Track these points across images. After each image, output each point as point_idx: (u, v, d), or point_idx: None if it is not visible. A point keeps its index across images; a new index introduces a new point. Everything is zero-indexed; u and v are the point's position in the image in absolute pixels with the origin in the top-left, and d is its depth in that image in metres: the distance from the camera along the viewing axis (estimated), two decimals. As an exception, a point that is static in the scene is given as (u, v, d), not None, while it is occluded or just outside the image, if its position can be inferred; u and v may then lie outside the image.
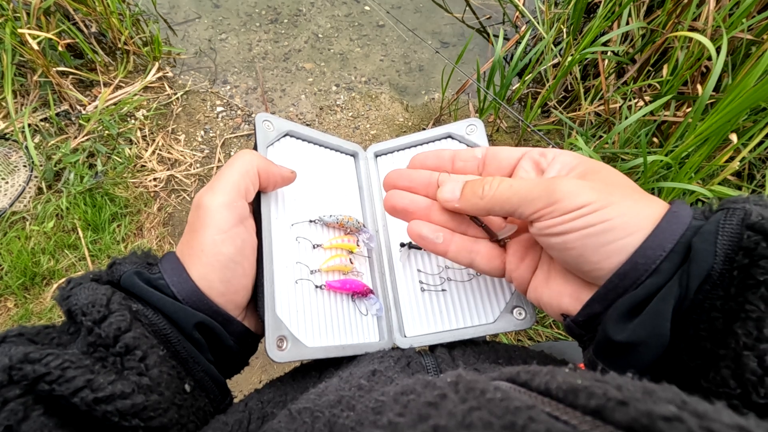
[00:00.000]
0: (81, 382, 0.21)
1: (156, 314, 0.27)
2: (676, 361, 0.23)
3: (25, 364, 0.21)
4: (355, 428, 0.19)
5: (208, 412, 0.29)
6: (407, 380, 0.23)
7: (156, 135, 1.46)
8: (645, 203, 0.24)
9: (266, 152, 0.36)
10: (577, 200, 0.23)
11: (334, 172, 0.41)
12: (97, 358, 0.24)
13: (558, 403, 0.16)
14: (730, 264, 0.21)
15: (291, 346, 0.30)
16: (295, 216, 0.35)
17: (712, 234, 0.22)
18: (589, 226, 0.23)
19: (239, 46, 1.70)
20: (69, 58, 1.45)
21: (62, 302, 0.25)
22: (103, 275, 0.28)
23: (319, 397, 0.24)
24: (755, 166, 1.21)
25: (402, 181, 0.33)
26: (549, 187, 0.24)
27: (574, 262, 0.25)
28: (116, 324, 0.24)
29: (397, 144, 0.42)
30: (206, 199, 0.29)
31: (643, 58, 1.31)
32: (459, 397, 0.16)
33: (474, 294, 0.36)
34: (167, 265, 0.28)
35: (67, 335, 0.25)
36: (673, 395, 0.14)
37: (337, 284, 0.34)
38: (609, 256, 0.23)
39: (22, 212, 1.29)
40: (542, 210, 0.24)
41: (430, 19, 1.79)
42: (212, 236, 0.28)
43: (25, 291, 1.20)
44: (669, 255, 0.22)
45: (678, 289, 0.22)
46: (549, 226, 0.25)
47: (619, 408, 0.14)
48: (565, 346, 0.52)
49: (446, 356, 0.31)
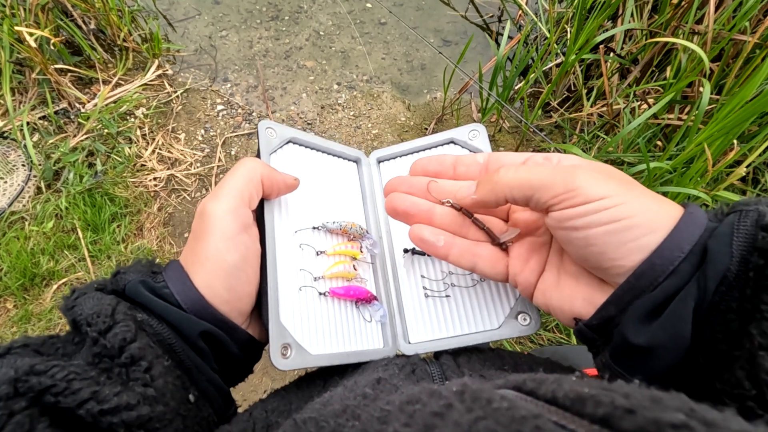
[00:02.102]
0: (87, 394, 0.21)
1: (161, 324, 0.27)
2: (690, 364, 0.23)
3: (30, 376, 0.21)
4: None
5: (212, 421, 0.28)
6: (412, 389, 0.23)
7: (156, 134, 1.46)
8: (661, 203, 0.24)
9: (269, 159, 0.36)
10: (597, 190, 0.23)
11: (337, 179, 0.40)
12: (102, 369, 0.23)
13: (565, 411, 0.16)
14: (746, 265, 0.21)
15: (295, 353, 0.30)
16: (298, 223, 0.35)
17: (728, 236, 0.22)
18: (612, 221, 0.23)
19: (240, 43, 1.69)
20: (67, 55, 1.44)
21: (67, 312, 0.25)
22: (108, 284, 0.28)
23: (324, 407, 0.24)
24: (760, 171, 1.20)
25: (402, 187, 0.33)
26: (568, 174, 0.24)
27: (594, 259, 0.24)
28: (121, 335, 0.24)
29: (400, 150, 0.42)
30: (210, 207, 0.29)
31: (645, 60, 1.30)
32: (465, 407, 0.16)
33: (478, 300, 0.35)
34: (171, 274, 0.28)
35: (72, 345, 0.25)
36: (681, 403, 0.14)
37: (341, 291, 0.34)
38: (631, 253, 0.23)
39: (21, 212, 1.28)
40: (561, 195, 0.24)
41: (432, 16, 1.78)
42: (216, 244, 0.28)
43: (24, 292, 1.20)
44: (687, 256, 0.22)
45: (696, 291, 0.22)
46: (569, 218, 0.24)
47: (626, 416, 0.14)
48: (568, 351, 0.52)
49: (451, 363, 0.31)
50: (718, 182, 1.11)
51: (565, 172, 0.25)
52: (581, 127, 1.40)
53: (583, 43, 1.21)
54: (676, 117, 1.25)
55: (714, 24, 1.15)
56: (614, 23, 1.44)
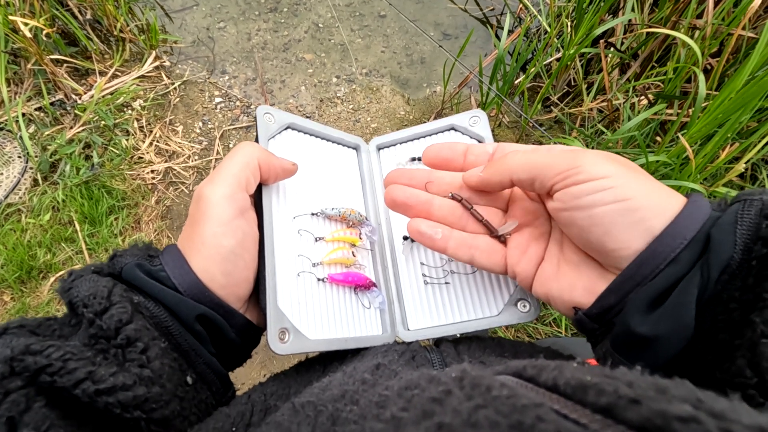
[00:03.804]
0: (82, 374, 0.21)
1: (157, 306, 0.27)
2: (691, 353, 0.23)
3: (26, 355, 0.21)
4: (358, 422, 0.19)
5: (211, 404, 0.28)
6: (411, 374, 0.22)
7: (153, 126, 1.45)
8: (664, 189, 0.24)
9: (267, 145, 0.35)
10: (599, 169, 0.24)
11: (336, 165, 0.40)
12: (98, 350, 0.23)
13: (566, 400, 0.16)
14: (749, 254, 0.21)
15: (293, 338, 0.30)
16: (297, 208, 0.35)
17: (731, 224, 0.22)
18: (617, 201, 0.23)
19: (238, 35, 1.68)
20: (63, 46, 1.42)
21: (63, 294, 0.25)
22: (105, 267, 0.28)
23: (322, 392, 0.24)
24: (758, 167, 1.20)
25: (402, 179, 0.33)
26: (571, 154, 0.25)
27: (598, 241, 0.24)
28: (117, 316, 0.24)
29: (399, 136, 0.41)
30: (207, 191, 0.29)
31: (645, 54, 1.30)
32: (464, 394, 0.16)
33: (477, 287, 0.35)
34: (168, 257, 0.28)
35: (69, 327, 0.25)
36: (688, 393, 0.14)
37: (340, 277, 0.34)
38: (636, 236, 0.23)
39: (17, 204, 1.28)
40: (564, 172, 0.24)
41: (432, 9, 1.77)
42: (213, 228, 0.28)
43: (21, 284, 1.20)
44: (689, 244, 0.22)
45: (700, 279, 0.22)
46: (574, 196, 0.24)
47: (631, 406, 0.14)
48: (568, 343, 0.52)
49: (451, 350, 0.31)
50: (716, 178, 1.11)
51: (568, 152, 0.25)
52: (581, 123, 1.40)
53: (582, 36, 1.21)
54: (675, 113, 1.25)
55: (713, 19, 1.15)
56: (615, 17, 1.43)
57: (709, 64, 1.23)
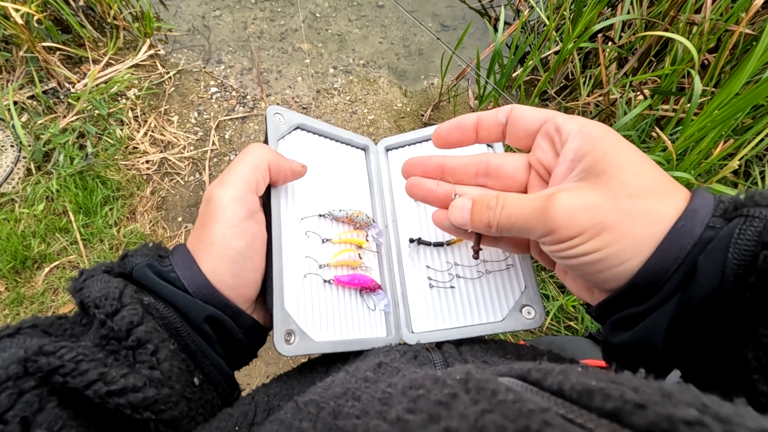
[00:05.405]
0: (94, 375, 0.21)
1: (167, 308, 0.27)
2: (697, 357, 0.24)
3: (39, 356, 0.21)
4: (360, 416, 0.19)
5: (217, 405, 0.29)
6: (415, 372, 0.23)
7: (148, 116, 1.43)
8: (653, 214, 0.23)
9: (277, 146, 0.35)
10: (570, 231, 0.24)
11: (344, 166, 0.40)
12: (109, 351, 0.24)
13: (572, 404, 0.16)
14: (743, 284, 0.20)
15: (299, 340, 0.30)
16: (304, 210, 0.35)
17: (722, 252, 0.21)
18: (583, 255, 0.24)
19: (234, 24, 1.65)
20: (56, 33, 1.39)
21: (75, 294, 0.25)
22: (115, 267, 0.28)
23: (325, 390, 0.25)
24: (751, 163, 1.22)
25: (417, 170, 0.34)
26: (543, 215, 0.25)
27: (583, 279, 0.27)
28: (128, 318, 0.24)
29: (408, 138, 0.42)
30: (217, 193, 0.29)
31: (642, 49, 1.30)
32: (470, 398, 0.16)
33: (483, 291, 0.36)
34: (178, 258, 0.28)
35: (80, 326, 0.25)
36: (693, 397, 0.14)
37: (346, 279, 0.34)
38: (606, 280, 0.25)
39: (10, 194, 1.26)
40: (542, 237, 0.26)
41: (430, 0, 1.75)
42: (222, 230, 0.28)
43: (16, 275, 1.19)
44: (672, 276, 0.22)
45: (675, 308, 0.22)
46: (552, 252, 0.26)
47: (637, 411, 0.14)
48: (565, 342, 0.53)
49: (453, 351, 0.32)
50: (711, 174, 1.12)
51: (541, 214, 0.25)
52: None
53: (581, 30, 1.20)
54: (671, 108, 1.25)
55: (711, 14, 1.15)
56: (614, 12, 1.43)
57: (707, 60, 1.24)
